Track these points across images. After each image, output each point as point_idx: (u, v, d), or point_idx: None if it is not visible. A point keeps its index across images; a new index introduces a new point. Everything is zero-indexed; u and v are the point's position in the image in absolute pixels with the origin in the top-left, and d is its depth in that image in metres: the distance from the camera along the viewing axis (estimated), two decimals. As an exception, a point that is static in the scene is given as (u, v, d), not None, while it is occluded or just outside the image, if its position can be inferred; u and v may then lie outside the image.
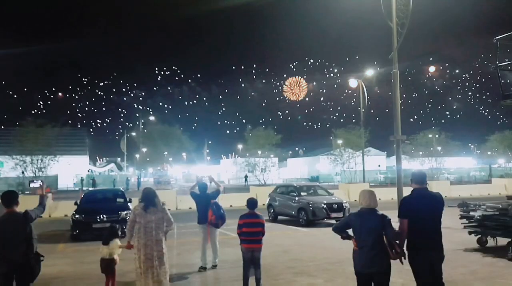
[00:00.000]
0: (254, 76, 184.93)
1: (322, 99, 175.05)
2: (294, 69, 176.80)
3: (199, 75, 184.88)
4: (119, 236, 6.83)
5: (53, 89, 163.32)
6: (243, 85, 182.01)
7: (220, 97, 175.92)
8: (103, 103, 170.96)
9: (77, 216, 13.62)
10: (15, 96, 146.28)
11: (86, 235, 13.00)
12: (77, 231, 13.47)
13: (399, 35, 15.72)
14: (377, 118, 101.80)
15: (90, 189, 38.78)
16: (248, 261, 7.05)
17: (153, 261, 6.31)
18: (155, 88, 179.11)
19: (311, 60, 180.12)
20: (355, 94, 77.10)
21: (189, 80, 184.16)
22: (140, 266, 6.33)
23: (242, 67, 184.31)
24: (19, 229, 5.16)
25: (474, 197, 25.67)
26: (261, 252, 7.12)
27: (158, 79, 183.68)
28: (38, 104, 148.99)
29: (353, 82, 40.36)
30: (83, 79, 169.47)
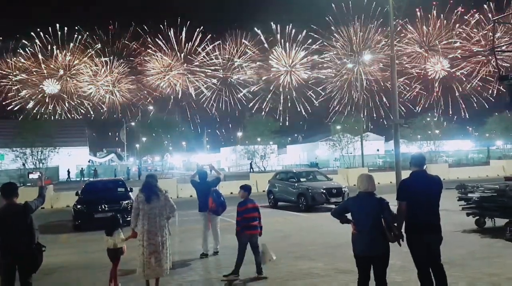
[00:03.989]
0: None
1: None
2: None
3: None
4: (121, 225, 6.89)
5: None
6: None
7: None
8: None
9: (78, 206, 13.68)
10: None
11: (88, 225, 13.06)
12: (79, 221, 13.54)
13: (395, 18, 15.69)
14: (375, 103, 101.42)
15: (91, 179, 38.81)
16: (246, 244, 7.13)
17: (157, 247, 6.42)
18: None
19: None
20: (353, 79, 76.90)
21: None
22: (143, 252, 6.41)
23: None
24: (19, 220, 5.21)
25: (473, 179, 25.80)
26: (258, 237, 7.22)
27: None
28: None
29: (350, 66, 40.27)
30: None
